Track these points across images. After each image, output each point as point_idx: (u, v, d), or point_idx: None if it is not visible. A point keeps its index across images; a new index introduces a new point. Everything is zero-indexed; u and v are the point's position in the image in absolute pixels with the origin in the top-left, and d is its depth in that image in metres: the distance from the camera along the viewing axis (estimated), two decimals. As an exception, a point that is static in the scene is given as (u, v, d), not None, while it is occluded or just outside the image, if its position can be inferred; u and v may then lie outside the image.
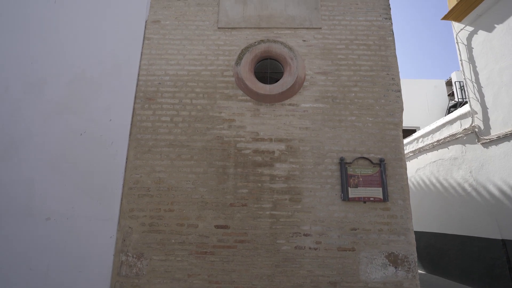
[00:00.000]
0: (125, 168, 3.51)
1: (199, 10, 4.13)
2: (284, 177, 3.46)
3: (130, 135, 3.62)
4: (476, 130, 5.27)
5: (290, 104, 3.70)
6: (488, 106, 5.15)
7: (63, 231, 3.31)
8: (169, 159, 3.54)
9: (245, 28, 4.02)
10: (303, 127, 3.62)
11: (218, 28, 4.02)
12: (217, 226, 3.33)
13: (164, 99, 3.75)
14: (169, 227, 3.33)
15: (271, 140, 3.58)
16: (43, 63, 3.88)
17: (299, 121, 3.64)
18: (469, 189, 5.36)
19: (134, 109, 3.72)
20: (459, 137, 5.67)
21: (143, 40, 3.99)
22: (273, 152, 3.54)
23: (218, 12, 4.09)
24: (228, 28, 4.02)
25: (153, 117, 3.69)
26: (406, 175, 3.47)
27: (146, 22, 4.07)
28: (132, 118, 3.69)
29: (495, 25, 5.14)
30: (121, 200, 3.42)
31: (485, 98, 5.22)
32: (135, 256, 3.26)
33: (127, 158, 3.54)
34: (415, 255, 3.21)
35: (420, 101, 11.09)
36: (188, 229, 3.32)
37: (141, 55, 3.93)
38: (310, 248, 3.25)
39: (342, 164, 3.45)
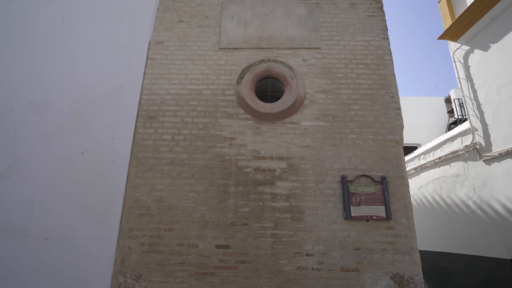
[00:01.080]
0: (126, 186, 3.49)
1: (201, 31, 4.24)
2: (286, 196, 3.43)
3: (131, 153, 3.63)
4: (478, 147, 5.26)
5: (290, 122, 3.73)
6: (488, 123, 5.17)
7: (61, 251, 3.25)
8: (170, 177, 3.52)
9: (246, 48, 4.12)
10: (304, 145, 3.63)
11: (220, 48, 4.12)
12: (217, 246, 3.27)
13: (165, 118, 3.78)
14: (169, 247, 3.27)
15: (272, 158, 3.58)
16: (48, 84, 3.95)
17: (300, 139, 3.65)
18: (473, 206, 5.28)
19: (136, 127, 3.75)
20: (460, 154, 5.66)
21: (146, 61, 4.08)
22: (274, 170, 3.53)
23: (220, 33, 4.20)
24: (230, 48, 4.12)
25: (155, 136, 3.71)
26: (409, 193, 3.43)
27: (149, 43, 4.18)
28: (134, 136, 3.71)
29: (490, 45, 5.25)
30: (121, 219, 3.37)
31: (485, 115, 5.25)
32: (133, 277, 3.18)
33: (127, 177, 3.53)
34: (421, 276, 3.13)
35: (420, 118, 11.16)
36: (188, 249, 3.26)
37: (144, 74, 4.00)
38: (312, 269, 3.17)
39: (344, 182, 3.43)
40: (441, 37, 6.20)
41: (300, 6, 4.33)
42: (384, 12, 4.26)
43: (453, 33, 5.91)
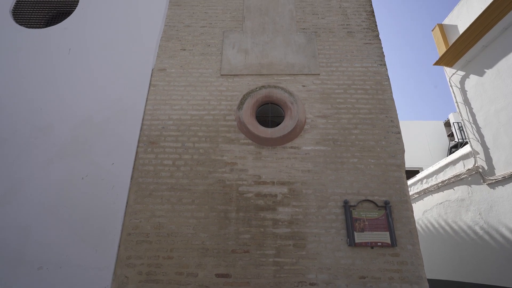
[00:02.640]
0: (125, 212, 3.43)
1: (203, 59, 4.37)
2: (287, 222, 3.36)
3: (131, 178, 3.60)
4: (480, 170, 5.22)
5: (291, 147, 3.73)
6: (489, 146, 5.16)
7: (54, 281, 3.13)
8: (170, 203, 3.47)
9: (246, 75, 4.22)
10: (305, 169, 3.60)
11: (221, 75, 4.22)
12: (218, 275, 3.15)
13: (167, 143, 3.80)
14: (167, 276, 3.15)
15: (273, 183, 3.54)
16: (51, 109, 4.01)
17: (301, 164, 3.64)
18: (480, 232, 5.15)
19: (137, 152, 3.75)
20: (463, 177, 5.60)
21: (149, 87, 4.17)
22: (276, 195, 3.48)
23: (221, 61, 4.33)
24: (231, 75, 4.22)
25: (155, 161, 3.70)
26: (413, 218, 3.36)
27: (152, 70, 4.30)
28: (135, 162, 3.70)
29: (485, 70, 5.38)
30: (119, 247, 3.28)
31: (485, 139, 5.26)
32: (129, 309, 3.04)
33: (127, 203, 3.48)
34: (431, 307, 2.98)
35: (421, 142, 11.19)
36: (187, 279, 3.14)
37: (146, 100, 4.07)
38: (317, 300, 3.02)
39: (347, 207, 3.37)
40: (436, 63, 6.37)
41: (299, 35, 4.49)
42: (380, 39, 4.40)
43: (448, 59, 6.08)
